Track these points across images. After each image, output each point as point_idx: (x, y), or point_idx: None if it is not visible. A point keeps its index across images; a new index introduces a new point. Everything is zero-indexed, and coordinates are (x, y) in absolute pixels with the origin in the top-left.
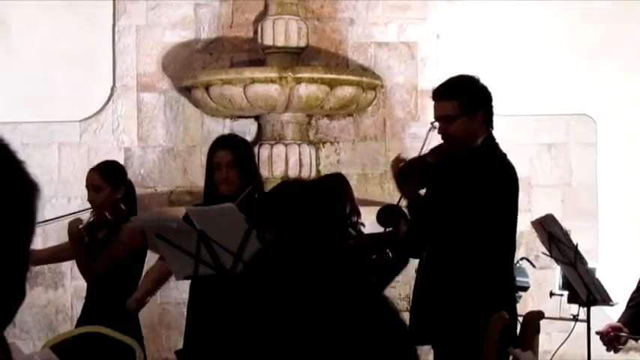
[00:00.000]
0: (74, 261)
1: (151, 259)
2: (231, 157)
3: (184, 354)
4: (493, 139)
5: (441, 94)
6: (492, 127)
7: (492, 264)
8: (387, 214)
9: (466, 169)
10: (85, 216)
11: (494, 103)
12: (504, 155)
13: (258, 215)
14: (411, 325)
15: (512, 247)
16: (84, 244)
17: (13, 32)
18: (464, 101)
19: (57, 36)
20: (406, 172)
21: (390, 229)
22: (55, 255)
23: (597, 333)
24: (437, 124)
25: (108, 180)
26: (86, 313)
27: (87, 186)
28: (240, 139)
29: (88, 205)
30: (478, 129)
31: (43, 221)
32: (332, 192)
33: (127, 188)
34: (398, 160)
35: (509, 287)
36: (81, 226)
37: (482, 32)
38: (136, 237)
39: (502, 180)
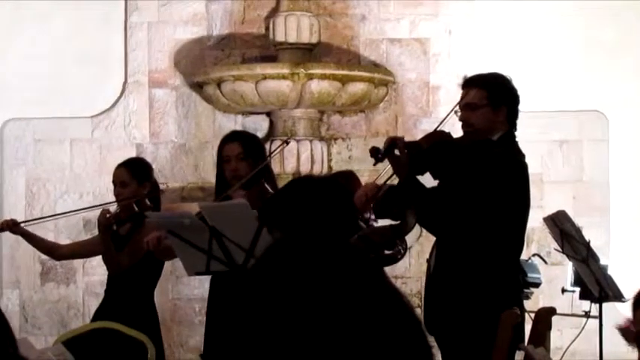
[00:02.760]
0: (87, 258)
1: None
2: (240, 150)
3: (207, 355)
4: (512, 137)
5: (472, 82)
6: (515, 128)
7: (500, 260)
8: (394, 207)
9: (466, 160)
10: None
11: None
12: (516, 152)
13: (269, 213)
14: (425, 316)
15: (520, 244)
16: (110, 231)
17: (25, 29)
18: (491, 93)
19: (69, 33)
20: (391, 149)
21: (398, 222)
22: (76, 251)
23: (619, 328)
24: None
25: (134, 176)
26: (105, 307)
27: (113, 181)
28: (249, 133)
29: (100, 201)
30: (498, 124)
31: (52, 215)
32: (342, 188)
33: (152, 186)
34: (396, 139)
35: (517, 284)
36: (108, 215)
37: (494, 28)
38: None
39: (505, 174)
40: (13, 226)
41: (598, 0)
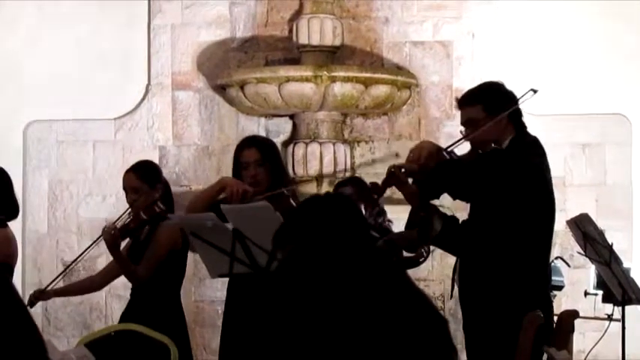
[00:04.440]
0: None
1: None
2: (259, 156)
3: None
4: (521, 139)
5: (464, 101)
6: (524, 127)
7: (527, 265)
8: (420, 212)
9: (476, 176)
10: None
11: (529, 103)
12: (528, 154)
13: (286, 233)
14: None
15: (546, 246)
16: (120, 247)
17: (49, 31)
18: (487, 104)
19: (92, 35)
20: (389, 181)
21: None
22: (108, 276)
23: None
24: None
25: (144, 180)
26: (131, 310)
27: (124, 188)
28: (265, 138)
29: (123, 203)
30: (503, 131)
31: (69, 266)
32: (348, 201)
33: (164, 187)
34: (394, 170)
35: (545, 286)
36: (113, 232)
37: (517, 31)
38: (174, 235)
39: (518, 182)
40: (41, 295)
41: (623, 3)
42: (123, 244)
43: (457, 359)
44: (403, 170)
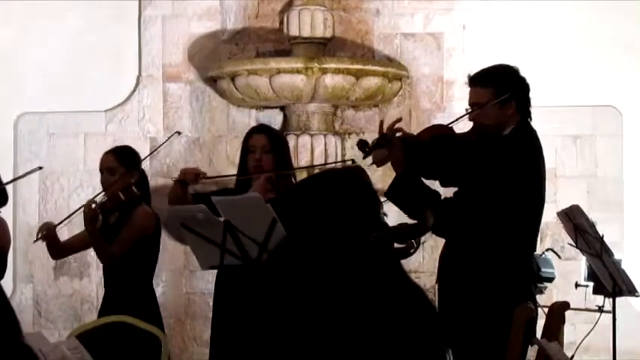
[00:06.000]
0: (83, 251)
1: (175, 247)
2: (267, 142)
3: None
4: (525, 129)
5: (476, 81)
6: (530, 118)
7: (508, 258)
8: (412, 205)
9: (471, 159)
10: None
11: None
12: (527, 146)
13: (290, 206)
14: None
15: (531, 241)
16: (97, 223)
17: (40, 23)
18: (498, 90)
19: (83, 27)
20: (381, 142)
21: (417, 221)
22: (80, 242)
23: None
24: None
25: (122, 162)
26: (107, 302)
27: (101, 169)
28: (275, 129)
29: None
30: (509, 118)
31: (69, 216)
32: (364, 182)
33: (141, 175)
34: (394, 125)
35: (527, 279)
36: (94, 206)
37: (508, 23)
38: (148, 220)
39: (513, 174)
40: (50, 231)
41: None
42: None
43: (449, 352)
44: (398, 134)
